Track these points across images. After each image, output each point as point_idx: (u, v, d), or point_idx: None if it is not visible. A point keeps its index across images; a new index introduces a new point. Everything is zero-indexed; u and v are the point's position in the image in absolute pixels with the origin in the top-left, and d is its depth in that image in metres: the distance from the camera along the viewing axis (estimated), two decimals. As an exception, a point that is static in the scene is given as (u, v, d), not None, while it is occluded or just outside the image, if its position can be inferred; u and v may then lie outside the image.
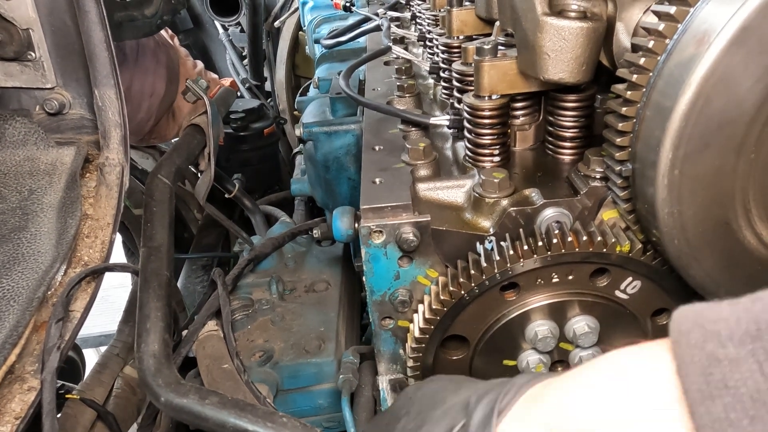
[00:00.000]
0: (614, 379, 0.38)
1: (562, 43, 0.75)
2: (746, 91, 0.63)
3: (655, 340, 0.37)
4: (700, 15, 0.61)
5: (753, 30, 0.58)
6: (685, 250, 0.73)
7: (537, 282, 0.84)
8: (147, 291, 0.81)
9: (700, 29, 0.61)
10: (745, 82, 0.62)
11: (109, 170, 1.01)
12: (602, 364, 0.39)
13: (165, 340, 0.76)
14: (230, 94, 1.57)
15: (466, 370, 0.92)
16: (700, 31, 0.61)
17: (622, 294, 0.86)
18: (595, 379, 0.38)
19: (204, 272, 1.83)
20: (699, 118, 0.64)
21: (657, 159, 0.67)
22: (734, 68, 0.60)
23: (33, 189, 0.98)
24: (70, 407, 1.00)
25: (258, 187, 2.24)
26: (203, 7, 2.98)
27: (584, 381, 0.39)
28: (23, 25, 1.00)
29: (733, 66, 0.60)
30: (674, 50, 0.64)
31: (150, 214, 0.94)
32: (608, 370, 0.38)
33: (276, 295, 1.17)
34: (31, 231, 0.92)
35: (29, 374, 0.79)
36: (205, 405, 0.68)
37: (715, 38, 0.59)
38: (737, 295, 0.85)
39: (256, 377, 0.97)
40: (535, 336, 0.87)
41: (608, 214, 0.86)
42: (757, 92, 0.63)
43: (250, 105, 2.34)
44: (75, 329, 0.85)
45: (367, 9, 2.01)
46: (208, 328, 0.98)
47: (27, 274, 0.86)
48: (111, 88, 0.98)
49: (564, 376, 0.41)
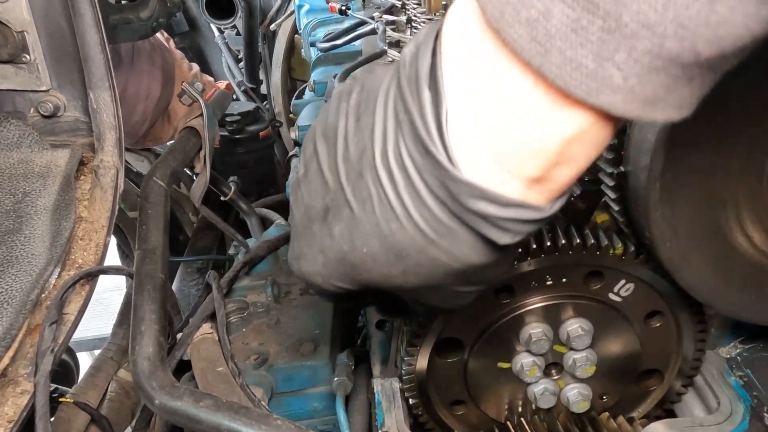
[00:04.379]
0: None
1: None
2: (738, 95, 0.63)
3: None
4: (691, 20, 0.62)
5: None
6: (677, 253, 0.73)
7: (531, 285, 0.85)
8: (142, 294, 0.81)
9: (691, 34, 0.61)
10: (736, 86, 0.63)
11: (104, 173, 1.01)
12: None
13: (160, 342, 0.76)
14: (226, 97, 1.57)
15: (461, 372, 0.92)
16: (691, 36, 0.61)
17: (615, 296, 0.87)
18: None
19: (199, 275, 1.82)
20: (690, 122, 0.64)
21: (649, 162, 0.67)
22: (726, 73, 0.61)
23: (27, 191, 0.98)
24: (64, 411, 0.99)
25: (253, 190, 2.23)
26: (199, 10, 2.97)
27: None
28: (18, 27, 1.00)
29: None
30: (666, 55, 0.65)
31: (145, 216, 0.94)
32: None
33: (271, 298, 1.17)
34: (25, 233, 0.91)
35: (22, 377, 0.79)
36: (200, 408, 0.68)
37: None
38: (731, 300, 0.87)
39: (250, 380, 0.97)
40: (530, 338, 0.87)
41: (601, 217, 0.87)
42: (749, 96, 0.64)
43: (246, 108, 2.33)
44: (69, 332, 0.84)
45: (363, 13, 2.01)
46: (203, 331, 0.98)
47: (21, 276, 0.86)
48: (106, 91, 0.98)
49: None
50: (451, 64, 0.40)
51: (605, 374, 0.92)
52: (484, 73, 0.38)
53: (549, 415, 0.96)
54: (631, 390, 0.98)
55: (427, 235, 0.43)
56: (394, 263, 0.46)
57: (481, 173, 0.40)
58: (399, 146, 0.42)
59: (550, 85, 0.36)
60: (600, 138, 0.40)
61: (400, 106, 0.42)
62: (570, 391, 0.93)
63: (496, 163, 0.40)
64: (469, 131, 0.40)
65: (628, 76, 0.34)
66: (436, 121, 0.40)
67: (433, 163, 0.40)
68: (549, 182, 0.41)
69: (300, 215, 0.53)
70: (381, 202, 0.44)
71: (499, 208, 0.40)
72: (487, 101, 0.39)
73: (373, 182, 0.44)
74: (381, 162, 0.43)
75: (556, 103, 0.37)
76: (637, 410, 1.00)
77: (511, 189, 0.41)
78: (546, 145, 0.39)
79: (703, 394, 0.96)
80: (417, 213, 0.42)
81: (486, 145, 0.40)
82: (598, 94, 0.35)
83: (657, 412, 1.01)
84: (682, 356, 0.93)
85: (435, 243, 0.43)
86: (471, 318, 0.87)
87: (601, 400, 0.96)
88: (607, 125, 0.39)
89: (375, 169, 0.43)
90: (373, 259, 0.46)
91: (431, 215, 0.42)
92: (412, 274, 0.46)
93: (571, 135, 0.38)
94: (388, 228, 0.44)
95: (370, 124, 0.44)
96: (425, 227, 0.43)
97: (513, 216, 0.41)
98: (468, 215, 0.41)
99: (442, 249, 0.43)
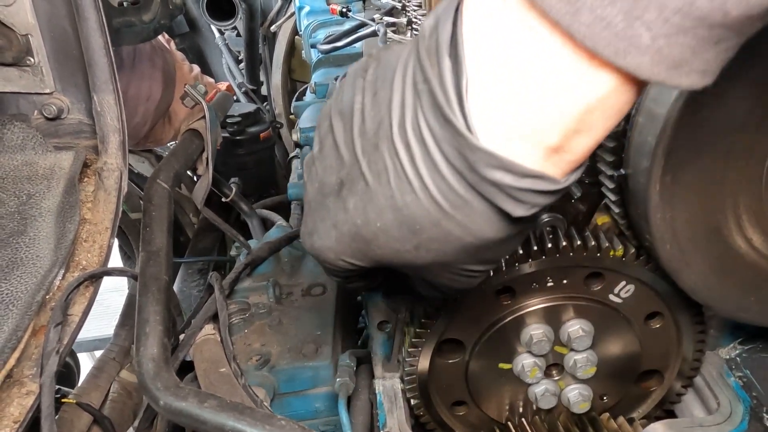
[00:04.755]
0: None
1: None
2: (737, 99, 0.64)
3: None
4: (690, 25, 0.63)
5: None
6: (676, 255, 0.74)
7: (532, 286, 0.85)
8: (146, 295, 0.81)
9: (691, 39, 0.62)
10: (735, 90, 0.63)
11: (108, 175, 1.01)
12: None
13: (164, 344, 0.76)
14: (228, 99, 1.58)
15: (463, 373, 0.93)
16: (691, 41, 0.62)
17: (615, 298, 0.87)
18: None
19: (200, 276, 1.83)
20: (691, 125, 0.65)
21: (649, 165, 0.68)
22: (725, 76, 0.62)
23: (31, 193, 0.99)
24: (66, 411, 1.00)
25: (254, 191, 2.24)
26: (199, 12, 2.98)
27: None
28: (22, 30, 1.01)
29: (724, 74, 0.62)
30: (666, 59, 0.66)
31: (149, 218, 0.94)
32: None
33: (273, 299, 1.17)
34: (29, 235, 0.92)
35: (28, 378, 0.79)
36: (204, 408, 0.68)
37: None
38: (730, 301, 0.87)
39: (253, 381, 0.97)
40: (530, 339, 0.88)
41: (602, 219, 0.87)
42: (748, 100, 0.64)
43: (247, 109, 2.34)
44: (73, 333, 0.85)
45: (363, 14, 2.02)
46: (206, 332, 0.98)
47: (26, 278, 0.86)
48: (110, 94, 0.98)
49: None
50: (473, 31, 0.40)
51: (606, 375, 0.93)
52: (509, 37, 0.38)
53: (550, 416, 0.97)
54: (632, 391, 0.98)
55: (442, 207, 0.43)
56: (407, 237, 0.45)
57: (499, 142, 0.40)
58: (417, 117, 0.42)
59: (578, 46, 0.36)
60: (621, 104, 0.40)
61: (419, 76, 0.42)
62: (570, 391, 0.94)
63: (516, 132, 0.40)
64: (490, 98, 0.40)
65: (657, 36, 0.34)
66: (456, 89, 0.40)
67: (451, 132, 0.40)
68: (566, 152, 0.41)
69: (314, 191, 0.52)
70: (397, 174, 0.43)
71: (515, 178, 0.40)
72: (510, 66, 0.38)
73: (390, 154, 0.43)
74: (398, 133, 0.43)
75: (583, 65, 0.37)
76: (637, 411, 1.01)
77: (528, 159, 0.41)
78: (568, 111, 0.39)
79: (703, 394, 0.96)
80: (433, 184, 0.42)
81: (506, 113, 0.40)
82: (626, 54, 0.35)
83: (657, 413, 1.01)
84: (681, 357, 0.94)
85: (449, 215, 0.43)
86: (472, 319, 0.87)
87: (602, 400, 0.97)
88: (630, 90, 0.39)
89: (392, 140, 0.43)
90: (387, 233, 0.46)
91: (447, 186, 0.42)
92: (425, 249, 0.46)
93: (594, 100, 0.38)
94: (403, 200, 0.43)
95: (388, 96, 0.44)
96: (440, 199, 0.42)
97: (529, 186, 0.41)
98: (484, 185, 0.41)
99: (456, 222, 0.43)
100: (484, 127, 0.40)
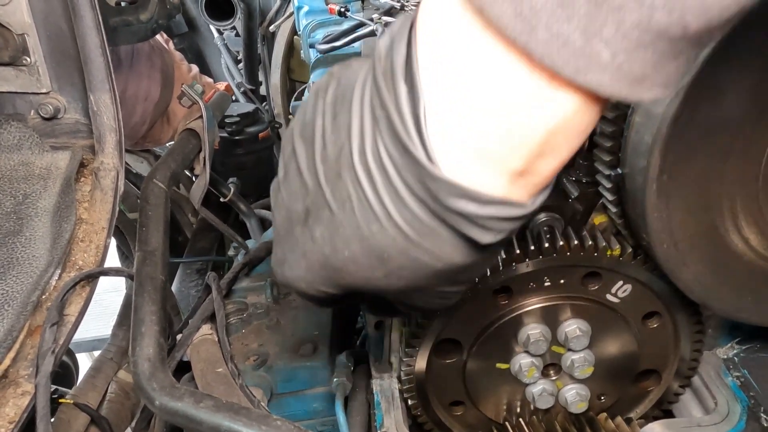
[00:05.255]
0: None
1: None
2: (733, 99, 0.64)
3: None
4: (687, 24, 0.63)
5: (738, 39, 0.59)
6: (673, 254, 0.74)
7: (529, 286, 0.85)
8: (142, 295, 0.81)
9: (688, 38, 0.62)
10: (731, 89, 0.63)
11: (104, 175, 1.01)
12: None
13: (160, 344, 0.76)
14: (225, 99, 1.58)
15: (460, 373, 0.93)
16: (688, 40, 0.62)
17: (613, 297, 0.87)
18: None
19: (198, 276, 1.83)
20: (687, 124, 0.65)
21: (646, 164, 0.68)
22: (721, 76, 0.62)
23: (28, 193, 0.98)
24: (64, 412, 0.99)
25: (253, 191, 2.24)
26: (198, 11, 2.98)
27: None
28: (19, 30, 1.00)
29: (719, 74, 0.61)
30: (662, 58, 0.65)
31: (145, 218, 0.94)
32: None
33: (270, 299, 1.17)
34: (25, 235, 0.92)
35: (23, 378, 0.79)
36: (200, 408, 0.68)
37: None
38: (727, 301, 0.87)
39: (250, 381, 0.97)
40: (528, 339, 0.88)
41: (599, 219, 0.87)
42: (744, 99, 0.64)
43: (245, 109, 2.34)
44: (69, 333, 0.85)
45: (362, 14, 2.02)
46: (203, 332, 0.98)
47: (21, 278, 0.86)
48: (106, 93, 0.98)
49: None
50: (428, 53, 0.38)
51: (603, 375, 0.93)
52: (464, 58, 0.36)
53: (547, 416, 0.97)
54: (629, 390, 0.98)
55: (408, 236, 0.42)
56: (376, 266, 0.45)
57: (461, 170, 0.39)
58: (377, 144, 0.41)
59: (537, 65, 0.35)
60: (585, 123, 0.38)
61: (376, 101, 0.40)
62: (568, 391, 0.93)
63: (477, 158, 0.39)
64: (448, 125, 0.38)
65: (617, 53, 0.33)
66: (414, 116, 0.38)
67: (411, 161, 0.39)
68: (531, 175, 0.40)
69: (281, 219, 0.51)
70: (360, 203, 0.42)
71: (479, 206, 0.39)
72: (467, 90, 0.37)
73: (352, 182, 0.42)
74: (359, 161, 0.42)
75: (542, 85, 0.35)
76: (634, 410, 1.01)
77: (492, 185, 0.40)
78: (530, 134, 0.37)
79: (701, 394, 0.96)
80: (397, 213, 0.41)
81: (466, 139, 0.38)
82: (586, 72, 0.34)
83: (655, 413, 1.01)
84: (679, 357, 0.93)
85: (416, 244, 0.42)
86: (469, 319, 0.87)
87: (599, 400, 0.97)
88: (593, 108, 0.37)
89: (353, 168, 0.42)
90: (355, 262, 0.45)
91: (412, 215, 0.41)
92: (395, 276, 0.45)
93: (557, 121, 0.37)
94: (369, 230, 0.42)
95: (347, 121, 0.42)
96: (406, 228, 0.42)
97: (494, 214, 0.40)
98: (449, 214, 0.40)
99: (423, 249, 0.43)
100: (445, 155, 0.39)
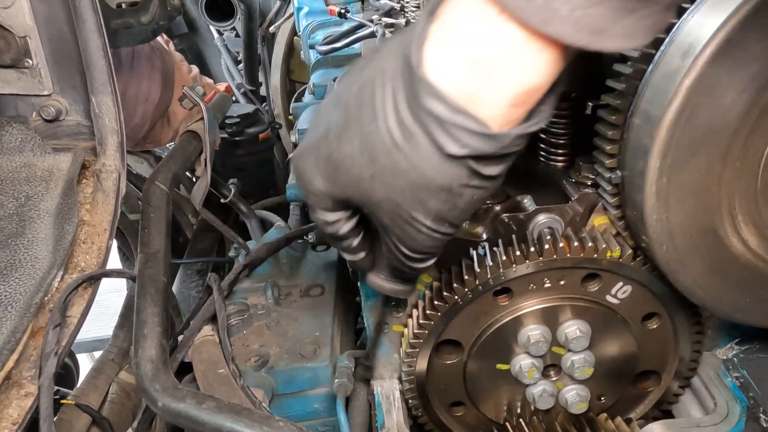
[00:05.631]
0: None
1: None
2: (731, 101, 0.64)
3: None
4: (685, 28, 0.63)
5: (736, 42, 0.60)
6: (673, 256, 0.74)
7: (529, 287, 0.86)
8: (144, 296, 0.82)
9: (686, 42, 0.62)
10: (729, 92, 0.64)
11: (106, 176, 1.01)
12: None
13: (162, 345, 0.77)
14: (226, 100, 1.58)
15: (461, 374, 0.93)
16: (686, 44, 0.62)
17: (612, 299, 0.87)
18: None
19: (199, 277, 1.83)
20: (686, 127, 0.65)
21: (645, 167, 0.68)
22: (719, 79, 0.62)
23: (30, 195, 0.99)
24: (65, 412, 1.00)
25: (253, 192, 2.24)
26: (198, 12, 2.98)
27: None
28: (21, 32, 1.01)
29: (718, 77, 0.62)
30: (661, 61, 0.66)
31: (147, 220, 0.95)
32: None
33: (271, 300, 1.17)
34: (28, 237, 0.92)
35: (26, 380, 0.79)
36: (202, 409, 0.68)
37: (700, 51, 0.60)
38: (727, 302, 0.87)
39: (251, 382, 0.97)
40: (528, 340, 0.88)
41: (599, 220, 0.87)
42: (742, 102, 0.65)
43: (245, 110, 2.34)
44: (72, 335, 0.85)
45: (362, 15, 2.02)
46: (204, 333, 0.98)
47: (24, 280, 0.86)
48: (108, 95, 0.99)
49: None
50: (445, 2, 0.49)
51: (603, 376, 0.93)
52: (459, 6, 0.48)
53: (547, 416, 0.97)
54: (629, 391, 0.98)
55: (394, 137, 0.51)
56: (366, 165, 0.54)
57: (440, 78, 0.48)
58: (395, 60, 0.51)
59: (511, 15, 0.44)
60: (550, 75, 0.48)
61: (406, 36, 0.52)
62: (568, 392, 0.94)
63: (455, 76, 0.48)
64: (437, 43, 0.49)
65: (574, 8, 0.42)
66: (420, 37, 0.49)
67: (408, 67, 0.49)
68: (496, 101, 0.49)
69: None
70: (370, 105, 0.52)
71: (449, 111, 0.48)
72: (456, 26, 0.48)
73: (369, 92, 0.52)
74: (378, 77, 0.52)
75: (513, 30, 0.45)
76: (634, 411, 1.01)
77: (461, 97, 0.48)
78: (496, 60, 0.47)
79: (700, 395, 0.97)
80: (392, 113, 0.51)
81: (451, 60, 0.48)
82: (549, 24, 0.43)
83: (654, 413, 1.01)
84: (678, 357, 0.94)
85: (399, 147, 0.51)
86: (470, 320, 0.87)
87: (599, 401, 0.97)
88: (559, 58, 0.46)
89: (373, 82, 0.52)
90: (352, 158, 0.54)
91: (399, 118, 0.50)
92: (378, 180, 0.54)
93: (511, 51, 0.46)
94: (368, 128, 0.52)
95: (380, 55, 0.54)
96: (394, 128, 0.51)
97: (460, 123, 0.48)
98: (423, 115, 0.49)
99: (403, 154, 0.51)
100: (432, 66, 0.49)
